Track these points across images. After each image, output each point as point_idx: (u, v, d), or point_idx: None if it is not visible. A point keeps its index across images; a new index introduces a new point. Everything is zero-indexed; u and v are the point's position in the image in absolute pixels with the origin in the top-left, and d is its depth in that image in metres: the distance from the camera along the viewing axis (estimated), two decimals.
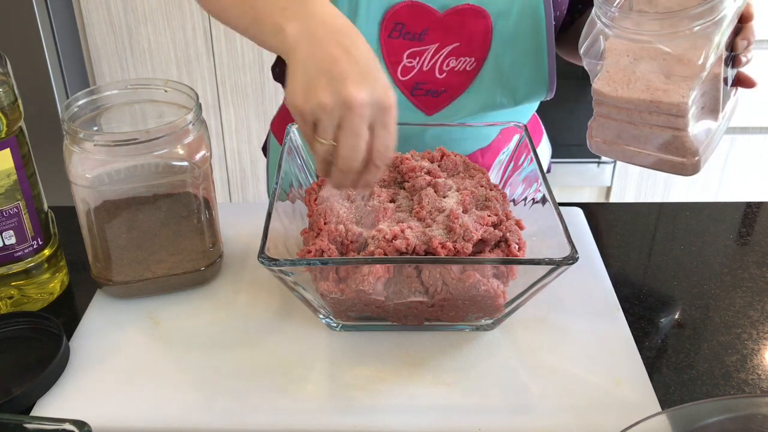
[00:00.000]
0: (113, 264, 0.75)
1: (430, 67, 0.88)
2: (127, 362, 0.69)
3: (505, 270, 0.67)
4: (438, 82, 0.89)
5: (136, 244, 0.75)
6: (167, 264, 0.76)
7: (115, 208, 0.73)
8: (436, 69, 0.88)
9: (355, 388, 0.67)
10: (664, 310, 0.78)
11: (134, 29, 1.93)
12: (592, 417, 0.64)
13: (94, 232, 0.73)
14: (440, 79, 0.89)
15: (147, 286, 0.76)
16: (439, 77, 0.89)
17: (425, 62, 0.88)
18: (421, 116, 0.91)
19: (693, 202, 0.96)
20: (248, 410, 0.64)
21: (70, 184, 0.72)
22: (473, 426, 0.63)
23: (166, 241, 0.75)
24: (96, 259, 0.76)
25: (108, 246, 0.74)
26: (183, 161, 0.72)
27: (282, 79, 0.99)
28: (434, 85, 0.89)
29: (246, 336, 0.72)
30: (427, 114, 0.91)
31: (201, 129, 0.73)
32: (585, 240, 0.86)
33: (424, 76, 0.89)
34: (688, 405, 0.57)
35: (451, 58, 0.88)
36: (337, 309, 0.69)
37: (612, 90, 0.75)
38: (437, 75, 0.89)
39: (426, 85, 0.89)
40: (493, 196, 0.74)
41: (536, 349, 0.71)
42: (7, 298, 0.75)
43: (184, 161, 0.72)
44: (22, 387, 0.64)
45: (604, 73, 0.76)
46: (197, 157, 0.73)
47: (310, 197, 0.77)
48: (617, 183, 2.14)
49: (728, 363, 0.71)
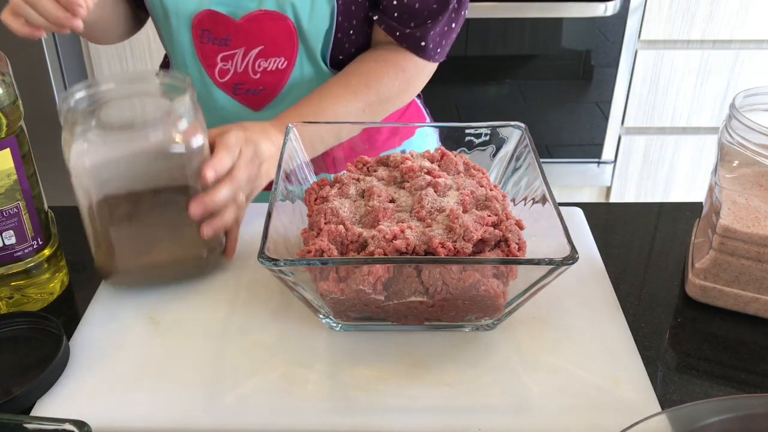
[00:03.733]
0: (116, 255, 0.75)
1: (244, 69, 0.95)
2: (127, 362, 0.69)
3: (505, 270, 0.67)
4: (255, 82, 0.96)
5: (138, 233, 0.75)
6: (169, 252, 0.77)
7: (116, 199, 0.73)
8: (249, 70, 0.95)
9: (355, 388, 0.67)
10: (664, 310, 0.78)
11: None
12: (592, 417, 0.64)
13: (96, 223, 0.74)
14: (256, 80, 0.95)
15: (150, 275, 0.77)
16: (254, 77, 0.95)
17: (238, 64, 0.95)
18: (248, 112, 0.98)
19: (693, 202, 0.96)
20: (248, 410, 0.64)
21: (70, 177, 0.72)
22: (473, 426, 0.63)
23: (167, 229, 0.76)
24: (98, 250, 0.76)
25: (110, 237, 0.74)
26: (180, 147, 0.72)
27: None
28: (252, 85, 0.96)
29: (246, 336, 0.72)
30: (255, 110, 0.98)
31: (196, 116, 0.74)
32: (585, 240, 0.86)
33: (240, 77, 0.95)
34: (688, 405, 0.57)
35: (260, 59, 0.94)
36: (337, 309, 0.69)
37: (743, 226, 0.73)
38: (252, 76, 0.95)
39: (244, 85, 0.96)
40: (493, 196, 0.74)
41: (536, 349, 0.71)
42: (7, 298, 0.75)
43: (181, 147, 0.72)
44: (22, 387, 0.64)
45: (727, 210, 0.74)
46: (194, 144, 0.73)
47: (310, 197, 0.77)
48: (617, 183, 2.14)
49: (728, 363, 0.71)
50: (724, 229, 0.73)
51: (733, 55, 1.95)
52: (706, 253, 0.77)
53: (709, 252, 0.76)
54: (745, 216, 0.74)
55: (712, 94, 2.00)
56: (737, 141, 0.76)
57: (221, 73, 0.96)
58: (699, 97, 2.01)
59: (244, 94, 0.97)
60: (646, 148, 2.08)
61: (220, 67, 0.95)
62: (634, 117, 2.03)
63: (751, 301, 0.76)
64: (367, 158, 0.82)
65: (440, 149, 0.82)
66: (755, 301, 0.75)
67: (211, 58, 0.95)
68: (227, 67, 0.95)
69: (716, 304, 0.77)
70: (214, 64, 0.96)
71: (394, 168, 0.80)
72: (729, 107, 0.77)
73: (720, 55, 1.95)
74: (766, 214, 0.74)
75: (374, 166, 0.81)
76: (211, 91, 0.98)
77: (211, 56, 0.95)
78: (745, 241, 0.73)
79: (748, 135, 0.75)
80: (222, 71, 0.95)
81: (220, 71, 0.96)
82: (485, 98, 2.03)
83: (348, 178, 0.78)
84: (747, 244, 0.73)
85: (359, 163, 0.82)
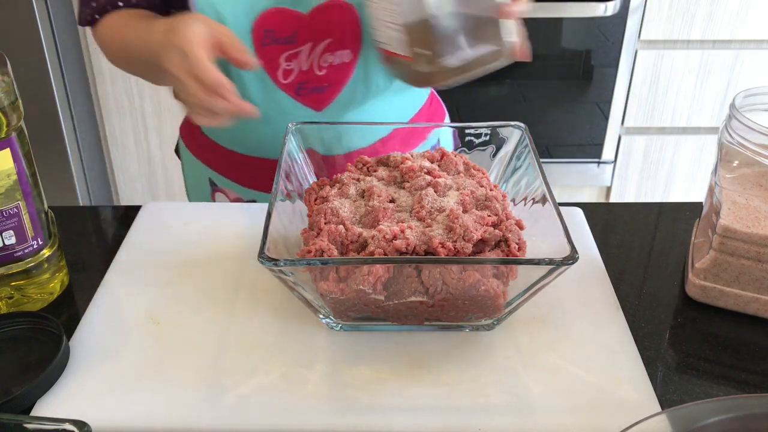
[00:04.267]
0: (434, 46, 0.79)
1: (309, 67, 0.92)
2: (127, 362, 0.69)
3: (505, 270, 0.67)
4: (320, 79, 0.93)
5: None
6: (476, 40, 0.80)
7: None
8: (314, 67, 0.92)
9: (355, 388, 0.67)
10: (664, 310, 0.78)
11: None
12: (592, 417, 0.64)
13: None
14: (321, 76, 0.93)
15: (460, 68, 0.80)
16: (319, 74, 0.93)
17: (302, 63, 0.92)
18: (310, 113, 0.95)
19: (693, 202, 0.96)
20: (248, 410, 0.64)
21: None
22: (473, 426, 0.63)
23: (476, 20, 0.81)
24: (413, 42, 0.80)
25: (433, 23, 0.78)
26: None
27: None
28: (317, 82, 0.93)
29: (246, 336, 0.72)
30: (317, 110, 0.95)
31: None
32: (585, 240, 0.86)
33: (305, 75, 0.92)
34: (688, 405, 0.57)
35: (326, 54, 0.91)
36: (337, 309, 0.69)
37: (743, 226, 0.73)
38: (317, 72, 0.93)
39: (309, 83, 0.93)
40: (493, 196, 0.74)
41: (536, 349, 0.71)
42: (7, 298, 0.75)
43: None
44: (22, 387, 0.65)
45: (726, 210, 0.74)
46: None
47: (310, 197, 0.77)
48: (617, 183, 2.14)
49: (728, 363, 0.71)
50: (724, 229, 0.73)
51: (733, 55, 1.95)
52: (706, 253, 0.77)
53: (709, 252, 0.76)
54: (745, 216, 0.74)
55: (712, 94, 2.00)
56: (737, 141, 0.76)
57: (284, 74, 0.92)
58: (699, 97, 2.01)
59: (308, 93, 0.94)
60: (646, 148, 2.08)
61: (283, 68, 0.92)
62: (634, 117, 2.03)
63: (751, 301, 0.76)
64: (367, 158, 0.82)
65: (440, 149, 0.82)
66: (755, 301, 0.75)
67: (273, 60, 0.91)
68: (291, 67, 0.92)
69: (716, 304, 0.77)
70: (276, 66, 0.92)
71: (394, 168, 0.80)
72: (729, 107, 0.77)
73: (720, 55, 1.95)
74: (766, 214, 0.74)
75: (374, 166, 0.81)
76: (274, 95, 0.94)
77: (273, 58, 0.91)
78: (745, 241, 0.73)
79: (748, 135, 0.75)
80: (285, 72, 0.92)
81: (284, 72, 0.92)
82: (485, 98, 2.03)
83: (348, 178, 0.78)
84: (747, 244, 0.73)
85: (359, 163, 0.82)
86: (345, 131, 0.90)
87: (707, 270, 0.76)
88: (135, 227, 0.88)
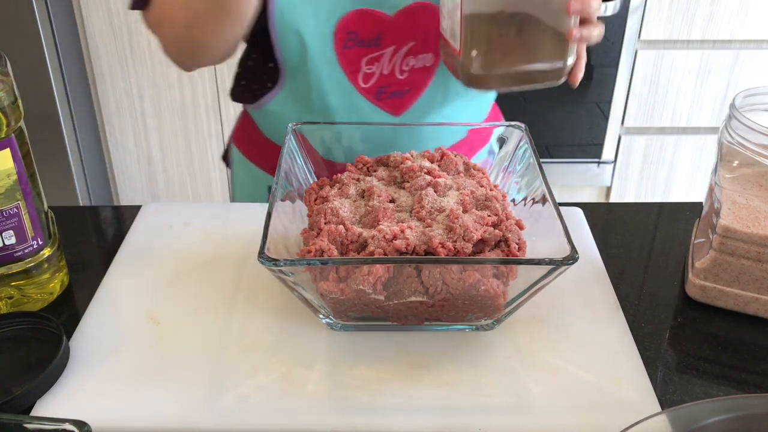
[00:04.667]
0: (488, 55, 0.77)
1: (390, 70, 0.90)
2: (127, 362, 0.69)
3: (505, 270, 0.67)
4: (401, 83, 0.91)
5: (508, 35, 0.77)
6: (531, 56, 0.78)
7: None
8: (396, 71, 0.90)
9: (355, 388, 0.67)
10: (664, 310, 0.78)
11: (134, 29, 1.93)
12: (592, 417, 0.64)
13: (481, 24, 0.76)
14: (402, 80, 0.90)
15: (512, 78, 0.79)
16: (400, 78, 0.90)
17: (384, 66, 0.89)
18: (389, 118, 0.93)
19: (693, 202, 0.96)
20: (248, 410, 0.64)
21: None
22: (473, 426, 0.63)
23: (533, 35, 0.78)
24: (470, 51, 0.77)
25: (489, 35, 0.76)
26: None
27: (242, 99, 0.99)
28: (398, 86, 0.91)
29: (246, 336, 0.72)
30: (395, 115, 0.93)
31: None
32: (585, 240, 0.86)
33: (386, 79, 0.90)
34: (688, 405, 0.57)
35: (409, 57, 0.90)
36: (337, 309, 0.69)
37: (743, 226, 0.73)
38: (398, 76, 0.90)
39: (389, 87, 0.91)
40: (493, 196, 0.74)
41: (536, 349, 0.71)
42: (7, 298, 0.75)
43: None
44: (22, 387, 0.64)
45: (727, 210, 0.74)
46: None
47: (310, 197, 0.77)
48: (617, 183, 2.14)
49: (728, 363, 0.71)
50: (724, 229, 0.73)
51: (733, 55, 1.95)
52: (706, 253, 0.77)
53: (709, 252, 0.76)
54: (745, 216, 0.74)
55: (712, 94, 2.00)
56: (737, 141, 0.76)
57: (365, 78, 0.90)
58: (699, 97, 2.01)
59: (388, 98, 0.92)
60: (646, 148, 2.08)
61: (364, 72, 0.90)
62: (634, 117, 2.03)
63: (751, 301, 0.76)
64: (366, 158, 0.82)
65: (440, 149, 0.82)
66: (755, 301, 0.75)
67: (355, 63, 0.89)
68: (372, 70, 0.90)
69: (716, 304, 0.77)
70: (357, 70, 0.90)
71: (394, 168, 0.80)
72: (729, 107, 0.77)
73: (720, 55, 1.95)
74: (766, 214, 0.74)
75: (374, 166, 0.81)
76: (354, 99, 0.92)
77: (355, 61, 0.89)
78: (745, 241, 0.73)
79: (748, 135, 0.75)
80: (366, 76, 0.90)
81: (364, 76, 0.90)
82: None
83: (348, 178, 0.78)
84: (747, 244, 0.73)
85: (359, 163, 0.82)
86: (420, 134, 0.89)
87: (707, 270, 0.76)
88: (135, 227, 0.88)
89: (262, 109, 0.96)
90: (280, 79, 0.92)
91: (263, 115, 0.99)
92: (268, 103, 0.95)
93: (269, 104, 0.95)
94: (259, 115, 1.00)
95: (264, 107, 0.96)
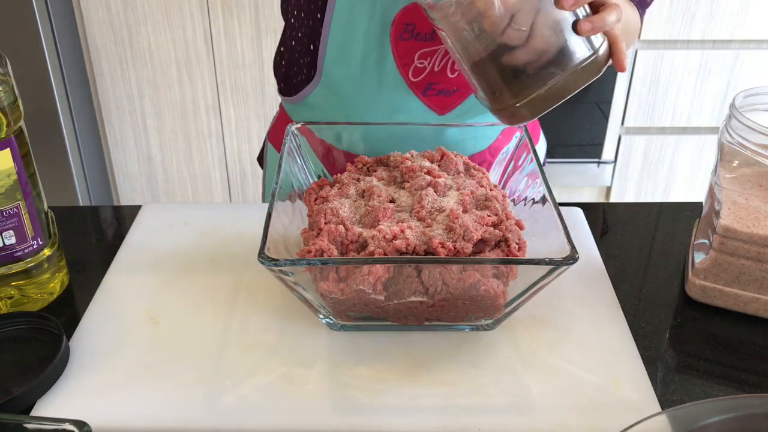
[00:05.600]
0: (515, 85, 0.69)
1: (442, 67, 0.88)
2: (127, 362, 0.69)
3: (505, 270, 0.67)
4: (450, 82, 0.89)
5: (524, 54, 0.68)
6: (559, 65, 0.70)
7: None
8: (447, 68, 0.88)
9: (355, 388, 0.67)
10: (664, 310, 0.78)
11: (134, 29, 1.93)
12: (592, 417, 0.64)
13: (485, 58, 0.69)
14: (452, 79, 0.89)
15: (551, 94, 0.69)
16: (450, 76, 0.89)
17: (436, 62, 0.88)
18: (433, 116, 0.91)
19: (693, 202, 0.96)
20: (248, 410, 0.64)
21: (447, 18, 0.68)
22: (473, 426, 0.63)
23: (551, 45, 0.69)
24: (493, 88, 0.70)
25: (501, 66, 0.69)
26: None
27: (288, 93, 0.99)
28: (446, 85, 0.89)
29: (246, 336, 0.72)
30: (440, 114, 0.92)
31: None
32: (585, 240, 0.86)
33: (436, 76, 0.89)
34: (688, 405, 0.57)
35: None
36: (337, 309, 0.69)
37: (743, 226, 0.73)
38: (449, 74, 0.89)
39: (438, 85, 0.89)
40: (493, 196, 0.74)
41: (536, 349, 0.71)
42: (7, 298, 0.75)
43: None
44: (22, 387, 0.65)
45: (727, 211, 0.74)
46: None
47: (310, 197, 0.77)
48: (617, 183, 2.14)
49: (728, 363, 0.71)
50: (724, 229, 0.73)
51: (733, 55, 1.95)
52: (706, 253, 0.77)
53: (709, 252, 0.76)
54: (745, 216, 0.74)
55: (712, 94, 2.00)
56: (737, 141, 0.76)
57: (415, 72, 0.89)
58: (699, 97, 2.01)
59: (435, 95, 0.91)
60: (646, 148, 2.08)
61: (415, 66, 0.88)
62: (634, 117, 2.03)
63: (751, 301, 0.76)
64: (366, 158, 0.82)
65: (440, 149, 0.82)
66: (755, 301, 0.75)
67: (408, 56, 0.87)
68: (423, 65, 0.88)
69: (716, 304, 0.77)
70: (410, 62, 0.88)
71: (394, 168, 0.80)
72: (729, 107, 0.77)
73: (720, 55, 1.95)
74: (766, 214, 0.74)
75: (374, 166, 0.81)
76: (400, 93, 0.90)
77: (409, 53, 0.87)
78: (745, 241, 0.73)
79: (748, 135, 0.75)
80: (417, 70, 0.89)
81: (415, 70, 0.89)
82: None
83: (348, 178, 0.78)
84: (747, 244, 0.73)
85: (359, 163, 0.82)
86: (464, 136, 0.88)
87: (707, 270, 0.76)
88: (135, 227, 0.88)
89: (303, 102, 0.96)
90: (316, 72, 0.92)
91: (302, 110, 0.98)
92: (308, 96, 0.95)
93: (308, 97, 0.95)
94: (297, 110, 1.00)
95: (304, 100, 0.96)
